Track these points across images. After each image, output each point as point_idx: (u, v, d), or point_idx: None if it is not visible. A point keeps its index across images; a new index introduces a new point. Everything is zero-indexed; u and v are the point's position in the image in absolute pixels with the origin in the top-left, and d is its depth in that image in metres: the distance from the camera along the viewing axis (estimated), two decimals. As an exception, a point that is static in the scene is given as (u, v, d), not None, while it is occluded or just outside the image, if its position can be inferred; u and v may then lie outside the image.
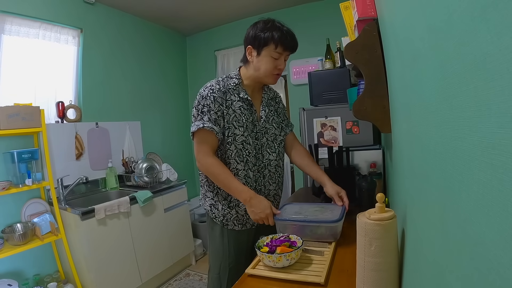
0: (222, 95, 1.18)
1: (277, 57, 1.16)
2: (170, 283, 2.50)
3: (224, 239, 1.27)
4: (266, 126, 1.28)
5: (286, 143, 1.42)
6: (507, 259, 0.20)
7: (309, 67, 2.88)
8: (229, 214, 1.24)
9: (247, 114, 1.22)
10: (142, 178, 2.56)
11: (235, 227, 1.26)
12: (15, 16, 2.11)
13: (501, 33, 0.20)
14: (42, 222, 1.96)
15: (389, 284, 0.69)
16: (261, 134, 1.26)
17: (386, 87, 1.01)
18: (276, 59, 1.17)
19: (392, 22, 0.73)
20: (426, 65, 0.42)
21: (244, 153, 1.21)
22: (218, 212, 1.25)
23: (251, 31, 1.19)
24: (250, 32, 1.19)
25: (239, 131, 1.20)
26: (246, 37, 1.21)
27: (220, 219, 1.25)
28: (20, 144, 2.00)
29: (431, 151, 0.42)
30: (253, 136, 1.23)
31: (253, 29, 1.18)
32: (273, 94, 1.38)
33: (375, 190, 1.42)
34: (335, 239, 1.08)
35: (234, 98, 1.20)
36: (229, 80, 1.23)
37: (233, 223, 1.25)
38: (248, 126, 1.22)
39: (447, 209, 0.35)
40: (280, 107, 1.39)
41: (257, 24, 1.19)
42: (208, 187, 1.27)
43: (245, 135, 1.21)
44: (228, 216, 1.24)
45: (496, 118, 0.22)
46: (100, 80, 2.68)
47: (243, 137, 1.20)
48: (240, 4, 2.97)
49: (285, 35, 1.15)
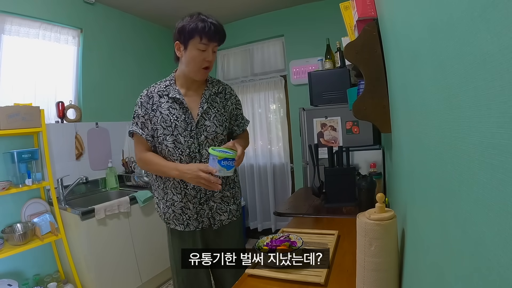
0: (148, 100, 1.23)
1: (204, 48, 1.15)
2: (170, 283, 2.50)
3: (169, 238, 1.32)
4: (205, 123, 1.22)
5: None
6: (507, 259, 0.20)
7: (309, 67, 2.87)
8: (167, 212, 1.27)
9: (177, 114, 1.21)
10: (142, 178, 2.56)
11: (176, 227, 1.27)
12: (15, 16, 2.11)
13: (501, 33, 0.20)
14: (42, 222, 1.96)
15: (389, 284, 0.69)
16: (199, 132, 1.21)
17: (386, 87, 1.01)
18: (203, 51, 1.15)
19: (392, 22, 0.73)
20: (426, 65, 0.42)
21: (177, 152, 1.20)
22: (160, 210, 1.29)
23: (178, 26, 1.17)
24: (176, 27, 1.18)
25: (168, 131, 1.20)
26: (174, 33, 1.19)
27: (163, 217, 1.30)
28: (20, 144, 2.00)
29: (431, 151, 0.42)
30: (186, 134, 1.20)
31: (179, 24, 1.17)
32: (219, 87, 1.29)
33: (375, 190, 1.43)
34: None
35: (162, 100, 1.22)
36: (160, 84, 1.26)
37: (173, 222, 1.27)
38: (179, 125, 1.20)
39: (447, 209, 0.35)
40: (228, 104, 1.29)
41: (182, 19, 1.18)
42: (153, 186, 1.32)
43: (175, 135, 1.20)
44: (167, 215, 1.27)
45: (496, 118, 0.22)
46: (100, 80, 2.68)
47: (173, 136, 1.20)
48: (240, 4, 2.97)
49: (209, 26, 1.13)
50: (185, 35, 1.14)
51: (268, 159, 3.29)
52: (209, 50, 1.16)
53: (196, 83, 1.25)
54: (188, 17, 1.17)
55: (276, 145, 3.30)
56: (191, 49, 1.15)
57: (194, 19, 1.14)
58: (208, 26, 1.13)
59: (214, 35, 1.15)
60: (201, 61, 1.16)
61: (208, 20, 1.15)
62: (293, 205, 1.78)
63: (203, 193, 1.24)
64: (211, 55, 1.17)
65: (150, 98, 1.23)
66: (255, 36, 3.26)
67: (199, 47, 1.14)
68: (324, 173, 1.65)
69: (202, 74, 1.20)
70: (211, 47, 1.17)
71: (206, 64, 1.18)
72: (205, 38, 1.13)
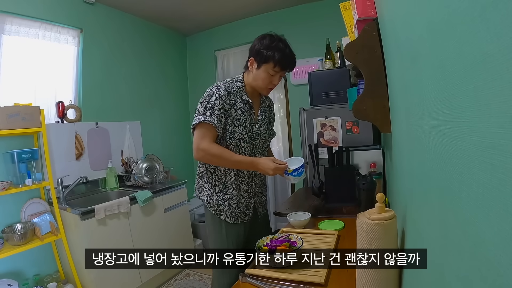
0: (227, 95, 1.27)
1: (273, 74, 1.27)
2: (170, 283, 2.50)
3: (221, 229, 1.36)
4: (260, 129, 1.38)
5: None
6: (507, 259, 0.20)
7: (309, 67, 2.87)
8: (222, 205, 1.34)
9: (246, 115, 1.32)
10: (142, 178, 2.56)
11: (226, 219, 1.34)
12: (15, 16, 2.11)
13: (501, 33, 0.20)
14: (42, 222, 1.96)
15: (389, 284, 0.69)
16: (256, 136, 1.36)
17: (386, 87, 1.01)
18: (272, 76, 1.27)
19: (392, 22, 0.73)
20: (426, 65, 0.42)
21: (241, 150, 1.32)
22: (213, 202, 1.35)
23: (257, 45, 1.28)
24: (256, 45, 1.28)
25: (238, 129, 1.30)
26: (251, 48, 1.30)
27: (214, 208, 1.35)
28: (20, 144, 2.00)
29: (431, 151, 0.42)
30: (249, 135, 1.33)
31: (259, 44, 1.28)
32: (269, 102, 1.49)
33: (375, 190, 1.42)
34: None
35: (237, 99, 1.31)
36: (233, 83, 1.33)
37: (225, 214, 1.34)
38: (246, 126, 1.32)
39: (447, 209, 0.35)
40: (272, 116, 1.50)
41: (263, 39, 1.28)
42: (207, 179, 1.37)
43: (243, 134, 1.31)
44: (221, 207, 1.34)
45: (496, 118, 0.22)
46: (100, 80, 2.68)
47: (241, 135, 1.30)
48: (240, 4, 2.97)
49: (285, 57, 1.25)
50: (261, 57, 1.26)
51: (268, 159, 3.29)
52: (277, 75, 1.28)
53: (257, 93, 1.38)
54: (268, 40, 1.26)
55: (276, 145, 3.30)
56: (263, 70, 1.27)
57: (274, 46, 1.24)
58: (285, 57, 1.25)
59: (288, 65, 1.28)
60: (269, 83, 1.29)
61: (286, 50, 1.26)
62: (293, 205, 1.78)
63: (252, 188, 1.39)
64: (278, 80, 1.30)
65: (230, 93, 1.29)
66: (255, 36, 3.20)
67: (270, 72, 1.26)
68: (324, 173, 1.65)
69: (267, 91, 1.34)
70: (280, 73, 1.29)
71: (272, 86, 1.31)
72: (279, 67, 1.25)
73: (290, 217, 1.38)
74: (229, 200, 1.34)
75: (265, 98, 1.46)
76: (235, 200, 1.34)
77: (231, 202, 1.34)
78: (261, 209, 1.47)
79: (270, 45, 1.25)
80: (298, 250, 0.95)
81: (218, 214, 1.35)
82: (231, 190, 1.34)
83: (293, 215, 1.38)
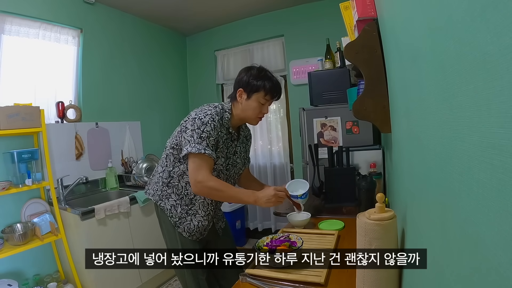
0: (219, 126, 1.27)
1: (264, 102, 1.29)
2: (170, 283, 2.50)
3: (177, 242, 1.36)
4: (237, 160, 1.39)
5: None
6: (507, 259, 0.20)
7: (309, 67, 2.87)
8: (184, 218, 1.34)
9: (228, 147, 1.34)
10: (142, 178, 2.56)
11: (183, 233, 1.34)
12: (15, 16, 2.10)
13: (501, 33, 0.20)
14: (42, 222, 1.96)
15: (389, 284, 0.69)
16: (232, 166, 1.37)
17: (386, 87, 1.01)
18: (262, 104, 1.29)
19: (392, 22, 0.73)
20: (426, 65, 0.42)
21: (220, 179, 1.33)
22: (176, 213, 1.34)
23: (245, 76, 1.29)
24: (243, 76, 1.30)
25: (220, 161, 1.30)
26: (239, 80, 1.31)
27: (175, 219, 1.34)
28: (20, 144, 2.00)
29: (431, 151, 0.42)
30: (226, 167, 1.34)
31: (247, 75, 1.29)
32: (247, 132, 1.50)
33: (375, 190, 1.42)
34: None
35: (224, 130, 1.31)
36: (224, 113, 1.31)
37: (183, 227, 1.34)
38: (226, 158, 1.34)
39: (447, 209, 0.35)
40: (248, 145, 1.51)
41: (250, 70, 1.30)
42: (176, 190, 1.34)
43: (223, 166, 1.32)
44: (182, 220, 1.34)
45: (496, 118, 0.22)
46: (100, 80, 2.68)
47: (221, 166, 1.31)
48: (240, 4, 2.97)
49: (274, 85, 1.29)
50: (251, 87, 1.27)
51: (268, 159, 3.29)
52: (267, 104, 1.31)
53: (239, 124, 1.39)
54: (256, 71, 1.30)
55: (276, 145, 3.30)
56: (254, 100, 1.28)
57: (263, 76, 1.28)
58: (274, 86, 1.29)
59: (277, 93, 1.32)
60: (259, 112, 1.31)
61: (273, 79, 1.31)
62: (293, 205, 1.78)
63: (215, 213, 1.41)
64: (267, 109, 1.33)
65: (221, 125, 1.29)
66: (255, 36, 3.26)
67: (261, 100, 1.28)
68: (324, 173, 1.65)
69: (256, 121, 1.34)
70: (270, 101, 1.32)
71: (261, 115, 1.33)
72: (269, 95, 1.28)
73: (290, 217, 1.38)
74: (192, 216, 1.33)
75: (244, 129, 1.45)
76: (197, 219, 1.33)
77: (193, 219, 1.33)
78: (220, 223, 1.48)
79: (259, 74, 1.28)
80: (298, 250, 0.95)
81: (176, 226, 1.34)
82: (197, 208, 1.33)
83: (293, 215, 1.38)
